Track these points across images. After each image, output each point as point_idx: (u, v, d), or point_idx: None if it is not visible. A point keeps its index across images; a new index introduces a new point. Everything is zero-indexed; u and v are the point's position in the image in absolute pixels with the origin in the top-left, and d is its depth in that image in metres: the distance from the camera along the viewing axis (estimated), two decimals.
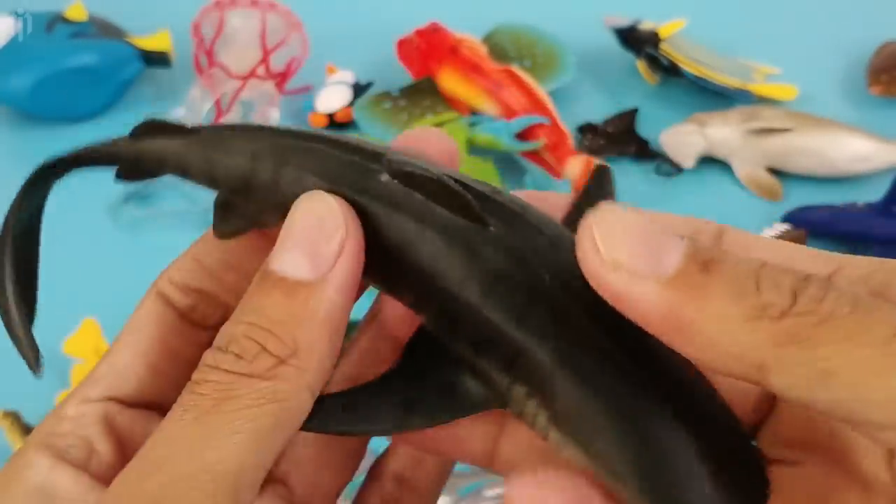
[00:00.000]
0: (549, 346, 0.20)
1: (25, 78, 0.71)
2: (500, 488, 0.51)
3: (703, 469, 0.19)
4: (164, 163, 0.25)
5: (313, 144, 0.23)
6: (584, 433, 0.20)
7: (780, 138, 0.68)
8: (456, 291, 0.21)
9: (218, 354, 0.20)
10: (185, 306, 0.25)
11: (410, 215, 0.21)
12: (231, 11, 0.76)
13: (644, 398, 0.19)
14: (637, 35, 0.75)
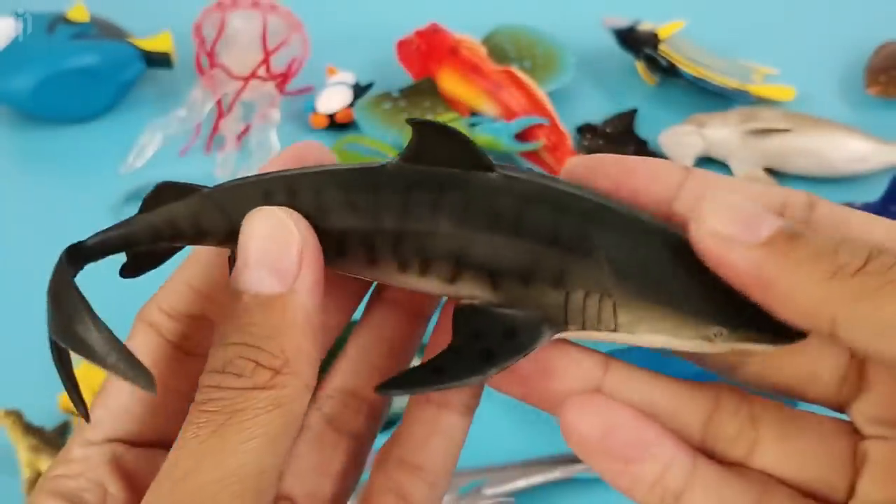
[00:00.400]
0: (593, 244, 0.23)
1: (27, 78, 0.72)
2: (499, 487, 0.51)
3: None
4: (177, 228, 0.25)
5: (316, 168, 0.25)
6: (650, 297, 0.22)
7: (779, 139, 0.68)
8: (491, 235, 0.23)
9: (216, 376, 0.22)
10: (177, 335, 0.26)
11: (422, 186, 0.24)
12: (232, 13, 0.77)
13: (684, 261, 0.23)
14: (636, 36, 0.75)
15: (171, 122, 0.72)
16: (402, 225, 0.24)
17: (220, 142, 0.72)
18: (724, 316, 0.23)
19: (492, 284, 0.23)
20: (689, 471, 0.22)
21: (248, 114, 0.73)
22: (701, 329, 0.23)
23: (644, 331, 0.23)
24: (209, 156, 0.72)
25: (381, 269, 0.24)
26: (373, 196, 0.24)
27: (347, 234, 0.24)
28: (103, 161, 0.71)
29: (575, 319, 0.23)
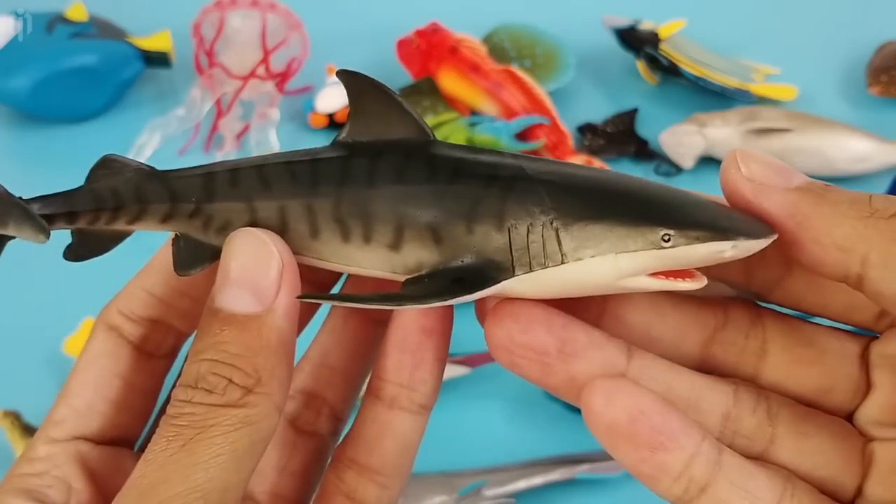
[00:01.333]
0: (529, 177, 0.23)
1: (26, 78, 0.72)
2: (500, 488, 0.51)
3: (703, 207, 0.23)
4: (119, 198, 0.25)
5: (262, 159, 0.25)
6: (591, 213, 0.22)
7: (780, 138, 0.68)
8: (429, 186, 0.23)
9: (189, 391, 0.22)
10: (137, 337, 0.26)
11: (360, 153, 0.24)
12: (231, 12, 0.77)
13: (623, 183, 0.23)
14: (637, 35, 0.75)
15: (170, 122, 0.72)
16: (340, 190, 0.23)
17: (219, 141, 0.72)
18: (668, 218, 0.22)
19: (434, 238, 0.23)
20: (715, 462, 0.22)
21: (247, 113, 0.73)
22: (648, 235, 0.22)
23: (590, 253, 0.22)
24: (208, 155, 0.72)
25: (324, 241, 0.24)
26: (311, 166, 0.24)
27: (289, 206, 0.24)
28: None
29: (521, 260, 0.22)
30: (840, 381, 0.24)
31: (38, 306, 0.63)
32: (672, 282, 0.22)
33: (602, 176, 0.23)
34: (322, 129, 0.74)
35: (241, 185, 0.24)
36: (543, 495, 0.52)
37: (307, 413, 0.27)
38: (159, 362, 0.27)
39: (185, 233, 0.25)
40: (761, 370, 0.24)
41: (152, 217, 0.25)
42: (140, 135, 0.71)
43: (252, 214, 0.24)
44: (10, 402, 0.54)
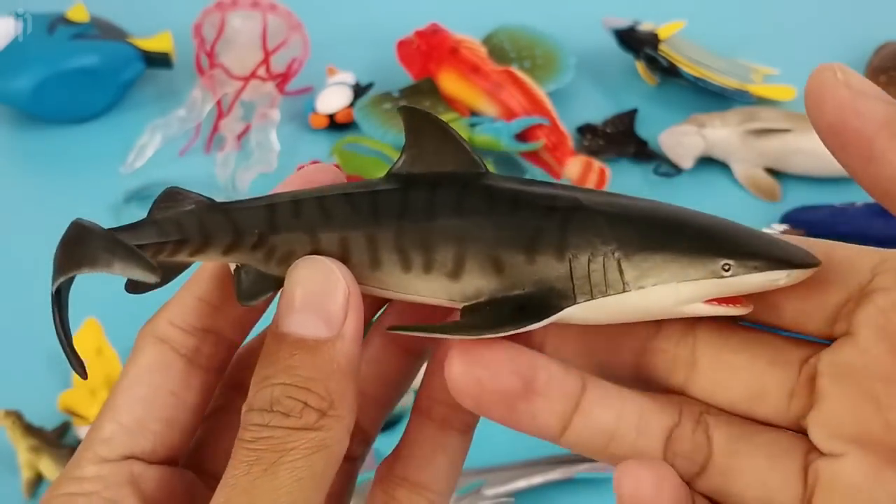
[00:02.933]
0: (588, 207, 0.23)
1: (27, 79, 0.72)
2: (499, 487, 0.51)
3: (757, 236, 0.24)
4: (183, 230, 0.25)
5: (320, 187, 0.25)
6: (653, 244, 0.23)
7: (779, 139, 0.68)
8: (489, 217, 0.24)
9: (265, 415, 0.22)
10: (189, 349, 0.25)
11: (420, 184, 0.24)
12: (232, 13, 0.77)
13: (680, 215, 0.24)
14: (636, 36, 0.75)
15: (171, 122, 0.72)
16: (401, 221, 0.24)
17: (220, 142, 0.72)
18: (727, 249, 0.23)
19: (495, 268, 0.23)
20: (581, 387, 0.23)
21: (248, 114, 0.74)
22: (709, 264, 0.23)
23: (652, 282, 0.23)
24: (209, 156, 0.72)
25: (385, 271, 0.24)
26: (371, 197, 0.24)
27: (350, 237, 0.24)
28: (103, 161, 0.71)
29: (583, 289, 0.23)
30: (772, 387, 0.24)
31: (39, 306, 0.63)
32: (725, 308, 0.23)
33: (657, 207, 0.24)
34: (323, 129, 0.74)
35: (303, 217, 0.25)
36: (543, 495, 0.52)
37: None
38: (209, 376, 0.26)
39: (246, 263, 0.25)
40: (692, 378, 0.24)
41: (215, 249, 0.25)
42: (141, 135, 0.71)
43: (315, 245, 0.24)
44: (11, 402, 0.55)
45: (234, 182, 0.69)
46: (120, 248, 0.23)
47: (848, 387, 0.22)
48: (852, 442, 0.22)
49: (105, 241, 0.24)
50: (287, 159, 0.70)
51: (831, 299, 0.23)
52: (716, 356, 0.24)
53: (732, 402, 0.24)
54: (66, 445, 0.54)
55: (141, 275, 0.23)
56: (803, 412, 0.23)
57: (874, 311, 0.22)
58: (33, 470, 0.54)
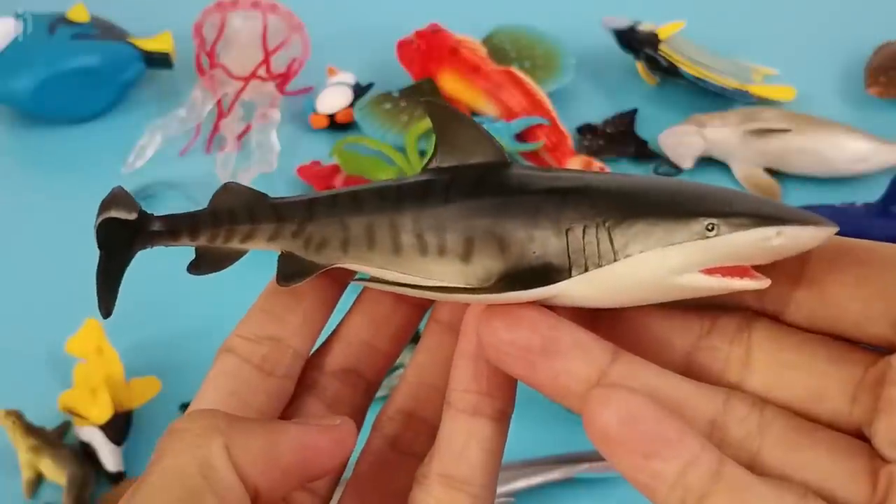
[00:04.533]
0: (583, 188, 0.24)
1: (28, 79, 0.72)
2: (499, 487, 0.51)
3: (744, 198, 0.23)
4: (234, 216, 0.28)
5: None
6: (637, 211, 0.23)
7: (779, 139, 0.68)
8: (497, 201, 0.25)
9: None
10: (254, 355, 0.27)
11: (440, 175, 0.26)
12: (232, 13, 0.77)
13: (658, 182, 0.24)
14: (636, 36, 0.75)
15: (172, 123, 0.72)
16: (421, 207, 0.25)
17: (221, 142, 0.72)
18: (711, 208, 0.22)
19: (500, 247, 0.24)
20: (715, 472, 0.21)
21: (248, 114, 0.74)
22: (692, 225, 0.22)
23: (639, 248, 0.23)
24: (209, 156, 0.72)
25: (405, 256, 0.25)
26: (397, 188, 0.26)
27: (376, 223, 0.26)
28: (103, 161, 0.71)
29: (577, 262, 0.23)
30: (832, 389, 0.23)
31: (40, 306, 0.63)
32: (729, 281, 0.23)
33: (652, 181, 0.25)
34: (323, 129, 0.74)
35: (338, 206, 0.27)
36: (543, 495, 0.52)
37: (407, 434, 0.28)
38: (277, 382, 0.27)
39: (288, 251, 0.27)
40: (746, 377, 0.24)
41: (261, 236, 0.27)
42: (141, 135, 0.71)
43: (345, 232, 0.26)
44: (12, 402, 0.55)
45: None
46: None
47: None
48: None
49: None
50: (287, 159, 0.70)
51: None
52: (772, 354, 0.24)
53: (789, 401, 0.23)
54: (66, 445, 0.54)
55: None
56: (867, 419, 0.22)
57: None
58: (33, 470, 0.54)
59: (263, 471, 0.24)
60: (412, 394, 0.28)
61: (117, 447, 0.54)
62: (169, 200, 0.68)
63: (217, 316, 0.39)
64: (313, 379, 0.28)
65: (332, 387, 0.28)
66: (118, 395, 0.55)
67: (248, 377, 0.27)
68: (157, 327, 0.59)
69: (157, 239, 0.28)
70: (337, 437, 0.25)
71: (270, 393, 0.27)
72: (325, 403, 0.28)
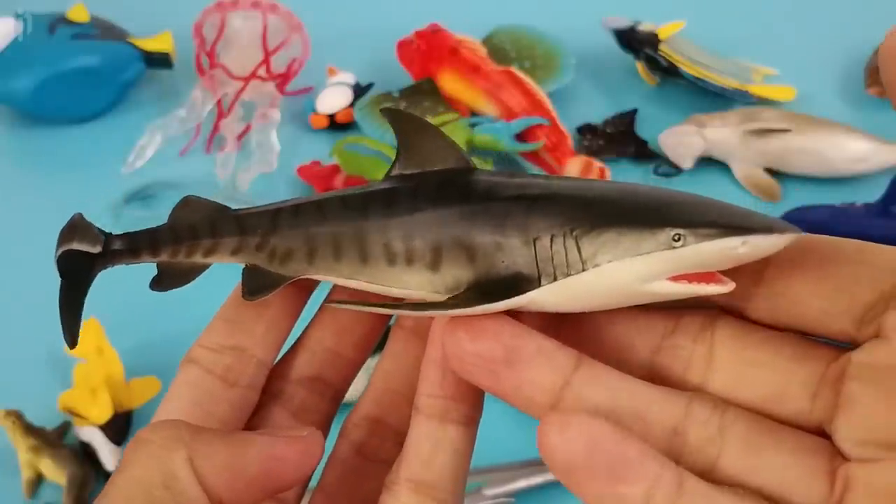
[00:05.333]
0: (550, 197, 0.24)
1: (28, 79, 0.72)
2: (499, 487, 0.52)
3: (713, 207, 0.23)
4: (196, 232, 0.27)
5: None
6: (605, 220, 0.23)
7: (779, 139, 0.68)
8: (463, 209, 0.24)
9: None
10: (217, 366, 0.27)
11: (405, 183, 0.26)
12: (232, 13, 0.77)
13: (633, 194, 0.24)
14: (636, 36, 0.75)
15: (172, 123, 0.72)
16: (387, 216, 0.25)
17: (221, 142, 0.72)
18: (677, 218, 0.22)
19: (468, 256, 0.24)
20: (677, 490, 0.21)
21: (248, 114, 0.74)
22: (659, 235, 0.22)
23: (608, 258, 0.23)
24: (209, 156, 0.72)
25: (372, 265, 0.25)
26: (362, 197, 0.26)
27: (341, 233, 0.25)
28: (103, 161, 0.71)
29: (546, 271, 0.23)
30: (794, 386, 0.23)
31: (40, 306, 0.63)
32: (696, 286, 0.23)
33: (621, 188, 0.24)
34: (323, 129, 0.74)
35: (302, 217, 0.26)
36: (543, 494, 0.52)
37: (374, 440, 0.28)
38: (240, 392, 0.27)
39: (253, 264, 0.27)
40: (709, 376, 0.24)
41: (224, 250, 0.27)
42: (141, 135, 0.71)
43: (310, 243, 0.26)
44: (12, 402, 0.55)
45: (234, 182, 0.69)
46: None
47: (881, 392, 0.21)
48: (887, 448, 0.21)
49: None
50: (287, 159, 0.71)
51: (861, 298, 0.22)
52: (735, 353, 0.24)
53: (751, 400, 0.23)
54: (66, 445, 0.54)
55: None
56: (828, 416, 0.22)
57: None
58: (33, 470, 0.54)
59: (228, 483, 0.23)
60: (378, 400, 0.28)
61: (117, 447, 0.54)
62: (169, 200, 0.68)
63: None
64: (279, 388, 0.28)
65: (298, 395, 0.28)
66: (118, 395, 0.55)
67: (210, 388, 0.27)
68: (157, 327, 0.59)
69: (117, 258, 0.27)
70: (304, 448, 0.25)
71: (234, 403, 0.27)
72: (291, 412, 0.28)
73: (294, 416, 0.28)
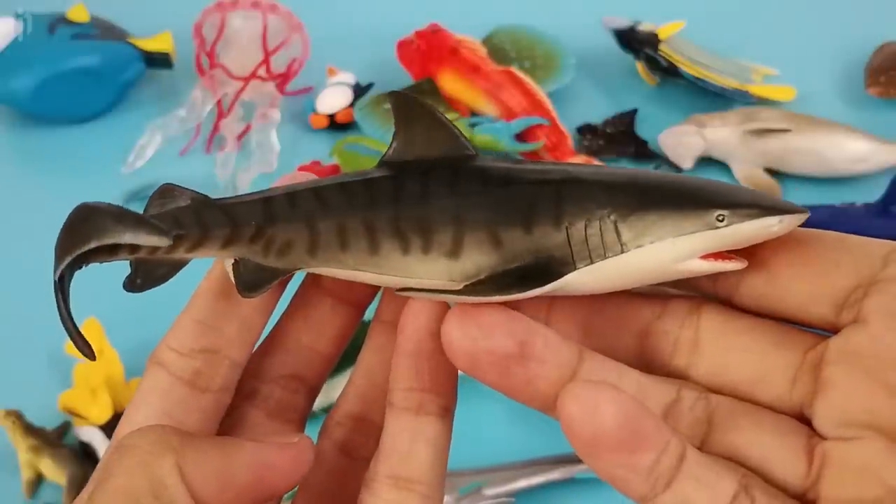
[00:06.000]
0: (580, 176, 0.24)
1: (28, 79, 0.72)
2: (499, 487, 0.52)
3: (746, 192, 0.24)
4: (181, 224, 0.25)
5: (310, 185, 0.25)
6: (647, 203, 0.23)
7: (779, 139, 0.68)
8: (484, 192, 0.24)
9: None
10: (188, 372, 0.25)
11: (414, 169, 0.25)
12: (232, 13, 0.77)
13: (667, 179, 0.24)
14: (636, 36, 0.75)
15: (172, 123, 0.72)
16: (397, 205, 0.24)
17: (221, 142, 0.72)
18: (720, 200, 0.23)
19: (493, 242, 0.24)
20: (679, 457, 0.22)
21: (248, 114, 0.74)
22: (704, 216, 0.23)
23: (650, 240, 0.23)
24: (209, 156, 0.72)
25: (384, 256, 0.24)
26: (366, 184, 0.25)
27: (348, 224, 0.24)
28: (103, 161, 0.71)
29: (581, 254, 0.23)
30: (775, 371, 0.24)
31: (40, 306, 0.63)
32: (721, 263, 0.24)
33: (646, 172, 0.25)
34: (323, 129, 0.74)
35: (300, 207, 0.25)
36: (543, 495, 0.52)
37: (357, 438, 0.27)
38: (212, 397, 0.26)
39: (245, 257, 0.25)
40: (694, 360, 0.25)
41: (213, 243, 0.25)
42: (141, 135, 0.71)
43: (313, 234, 0.24)
44: (12, 402, 0.55)
45: (234, 182, 0.69)
46: (129, 216, 0.23)
47: (858, 375, 0.22)
48: (863, 429, 0.22)
49: (113, 211, 0.24)
50: (287, 159, 0.71)
51: (841, 284, 0.23)
52: (719, 338, 0.24)
53: (735, 383, 0.24)
54: (66, 445, 0.54)
55: (153, 240, 0.23)
56: (807, 399, 0.23)
57: (887, 299, 0.22)
58: (33, 470, 0.54)
59: (218, 491, 0.23)
60: (361, 396, 0.27)
61: None
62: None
63: None
64: (252, 387, 0.27)
65: (274, 395, 0.27)
66: (118, 395, 0.55)
67: (181, 396, 0.25)
68: (157, 327, 0.58)
69: (92, 257, 0.24)
70: (295, 455, 0.24)
71: (206, 410, 0.26)
72: (266, 413, 0.27)
73: (270, 416, 0.27)
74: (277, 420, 0.27)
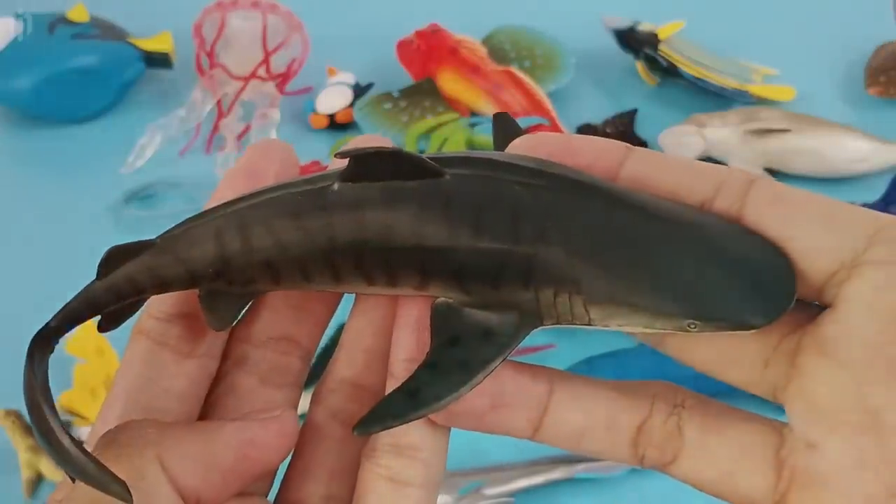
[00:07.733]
0: (554, 240, 0.23)
1: (27, 79, 0.72)
2: (499, 487, 0.52)
3: (727, 279, 0.23)
4: (139, 285, 0.24)
5: (262, 197, 0.24)
6: (620, 295, 0.23)
7: (779, 139, 0.68)
8: (451, 244, 0.23)
9: None
10: (171, 338, 0.25)
11: (375, 203, 0.23)
12: (232, 13, 0.77)
13: (649, 242, 0.23)
14: (636, 36, 0.75)
15: (172, 123, 0.72)
16: (360, 244, 0.23)
17: (220, 142, 0.72)
18: (695, 309, 0.23)
19: (462, 289, 0.24)
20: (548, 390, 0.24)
21: (248, 114, 0.74)
22: (675, 321, 0.23)
23: (618, 324, 0.23)
24: (209, 156, 0.72)
25: (349, 285, 0.24)
26: (325, 220, 0.23)
27: (308, 260, 0.24)
28: (103, 161, 0.71)
29: (549, 314, 0.23)
30: (747, 353, 0.24)
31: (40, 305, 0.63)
32: None
33: (631, 229, 0.23)
34: (323, 129, 0.74)
35: (255, 246, 0.24)
36: (543, 494, 0.52)
37: (351, 405, 0.26)
38: (197, 362, 0.25)
39: (211, 289, 0.25)
40: (666, 339, 0.25)
41: (175, 289, 0.25)
42: (141, 135, 0.71)
43: (274, 274, 0.24)
44: (12, 402, 0.55)
45: None
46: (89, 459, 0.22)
47: (830, 366, 0.22)
48: (830, 427, 0.22)
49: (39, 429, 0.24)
50: None
51: (824, 266, 0.23)
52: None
53: (706, 362, 0.24)
54: None
55: (110, 489, 0.21)
56: (780, 383, 0.23)
57: (865, 287, 0.22)
58: (33, 470, 0.54)
59: (202, 477, 0.23)
60: (352, 361, 0.26)
61: None
62: (169, 200, 0.68)
63: None
64: (242, 352, 0.26)
65: (265, 358, 0.26)
66: None
67: (164, 362, 0.25)
68: None
69: (59, 333, 0.24)
70: (278, 428, 0.24)
71: (191, 376, 0.25)
72: (259, 378, 0.26)
73: (263, 381, 0.26)
74: (271, 385, 0.26)
